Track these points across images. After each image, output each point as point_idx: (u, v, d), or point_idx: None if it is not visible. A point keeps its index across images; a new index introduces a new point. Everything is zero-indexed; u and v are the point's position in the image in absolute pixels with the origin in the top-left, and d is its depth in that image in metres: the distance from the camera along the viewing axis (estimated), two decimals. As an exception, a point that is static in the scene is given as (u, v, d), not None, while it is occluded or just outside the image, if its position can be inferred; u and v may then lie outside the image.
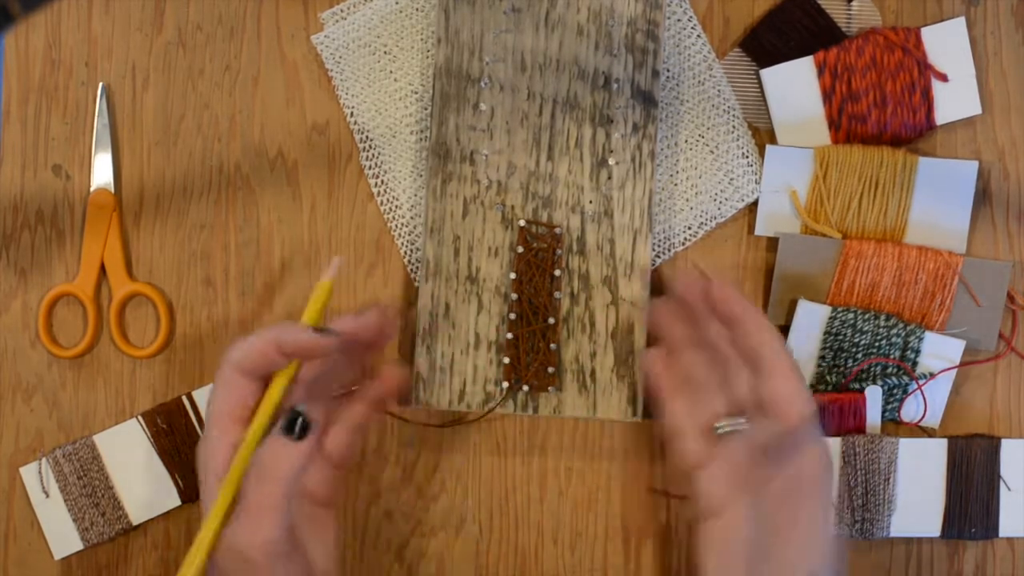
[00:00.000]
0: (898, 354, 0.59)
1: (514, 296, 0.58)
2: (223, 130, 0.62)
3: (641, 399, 0.58)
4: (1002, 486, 0.60)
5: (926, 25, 0.61)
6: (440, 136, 0.59)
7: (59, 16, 0.63)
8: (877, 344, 0.59)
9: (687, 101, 0.61)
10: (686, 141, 0.61)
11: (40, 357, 0.62)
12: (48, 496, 0.61)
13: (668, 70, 0.61)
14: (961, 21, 0.61)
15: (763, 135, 0.62)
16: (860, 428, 0.60)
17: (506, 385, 0.58)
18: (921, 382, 0.59)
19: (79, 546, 0.61)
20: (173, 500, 0.61)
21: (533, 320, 0.58)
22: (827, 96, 0.60)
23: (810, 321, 0.60)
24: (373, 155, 0.62)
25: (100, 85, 0.62)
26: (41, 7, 0.42)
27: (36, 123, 0.62)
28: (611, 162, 0.59)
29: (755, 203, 0.61)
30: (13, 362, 0.62)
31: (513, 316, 0.58)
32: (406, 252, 0.62)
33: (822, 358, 0.60)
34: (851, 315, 0.59)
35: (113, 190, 0.62)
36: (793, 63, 0.60)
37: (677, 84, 0.61)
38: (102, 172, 0.62)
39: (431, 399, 0.58)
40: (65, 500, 0.61)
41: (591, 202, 0.59)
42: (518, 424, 0.62)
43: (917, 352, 0.59)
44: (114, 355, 0.62)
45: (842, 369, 0.60)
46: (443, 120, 0.59)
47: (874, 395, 0.59)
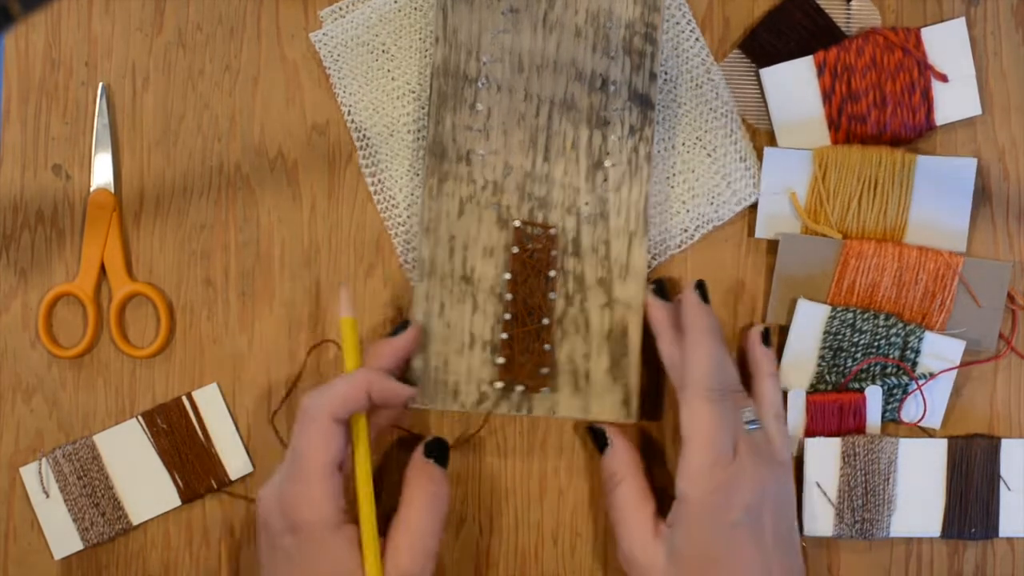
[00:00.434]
0: (897, 354, 0.59)
1: (509, 296, 0.58)
2: (223, 130, 0.62)
3: (636, 400, 0.58)
4: (1002, 486, 0.60)
5: (926, 25, 0.61)
6: (437, 135, 0.59)
7: (59, 16, 0.63)
8: (876, 344, 0.59)
9: (685, 104, 0.61)
10: (683, 144, 0.61)
11: (40, 357, 0.62)
12: (48, 496, 0.61)
13: (666, 73, 0.61)
14: (961, 21, 0.61)
15: (763, 135, 0.62)
16: (860, 428, 0.60)
17: (500, 385, 0.58)
18: (921, 382, 0.59)
19: (79, 546, 0.61)
20: (173, 500, 0.61)
21: (528, 320, 0.58)
22: (827, 96, 0.60)
23: (810, 321, 0.60)
24: (370, 153, 0.62)
25: (100, 85, 0.62)
26: (41, 7, 0.42)
27: (36, 123, 0.62)
28: (607, 164, 0.59)
29: (755, 206, 0.61)
30: (13, 362, 0.62)
31: (508, 316, 0.58)
32: (402, 252, 0.61)
33: (822, 358, 0.60)
34: (850, 315, 0.59)
35: (113, 190, 0.62)
36: (793, 63, 0.61)
37: (675, 87, 0.61)
38: (102, 172, 0.62)
39: (425, 399, 0.58)
40: (65, 500, 0.61)
41: (587, 204, 0.59)
42: (518, 424, 0.62)
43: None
44: (114, 355, 0.62)
45: (842, 369, 0.60)
46: (440, 119, 0.59)
47: (874, 395, 0.59)
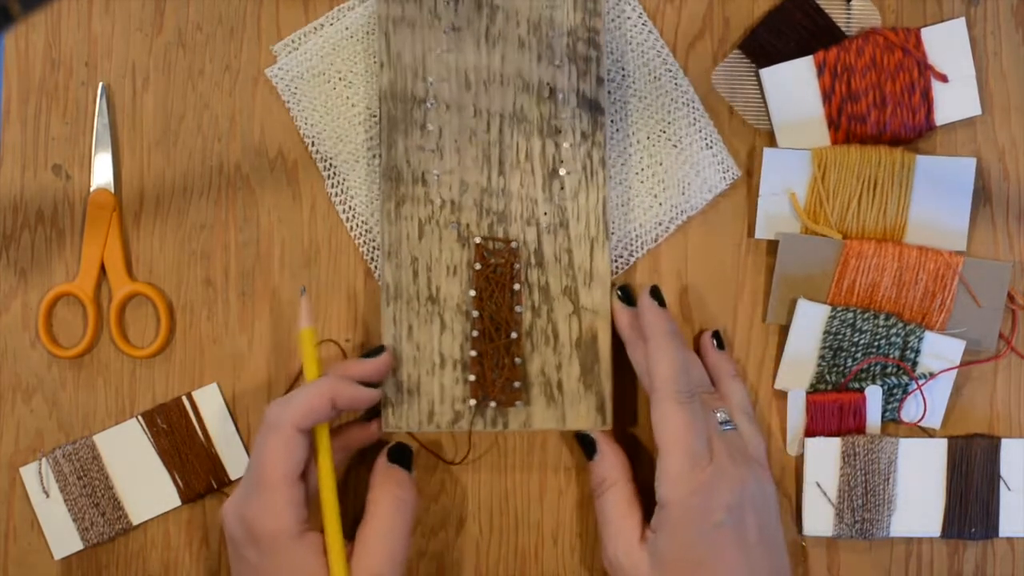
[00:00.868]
0: (897, 354, 0.59)
1: (475, 313, 0.58)
2: (223, 130, 0.62)
3: (609, 406, 0.58)
4: (1002, 486, 0.60)
5: (926, 25, 0.61)
6: (391, 159, 0.59)
7: (59, 16, 0.63)
8: (876, 344, 0.59)
9: (645, 97, 0.61)
10: (648, 138, 0.61)
11: (40, 357, 0.62)
12: (48, 496, 0.61)
13: (623, 68, 0.61)
14: (961, 21, 0.61)
15: (763, 135, 0.62)
16: (860, 428, 0.60)
17: (474, 403, 0.58)
18: (921, 382, 0.59)
19: (79, 546, 0.61)
20: (173, 500, 0.61)
21: (496, 336, 0.58)
22: (827, 96, 0.60)
23: (810, 321, 0.60)
24: (338, 182, 0.62)
25: (100, 85, 0.62)
26: (41, 7, 0.42)
27: (36, 123, 0.62)
28: (562, 172, 0.59)
29: (755, 206, 0.61)
30: (13, 362, 0.62)
31: (476, 333, 0.58)
32: (379, 276, 0.61)
33: (822, 358, 0.60)
34: (850, 315, 0.59)
35: (113, 190, 0.62)
36: (793, 63, 0.61)
37: (633, 81, 0.61)
38: (102, 172, 0.62)
39: (400, 422, 0.58)
40: (65, 500, 0.61)
41: (545, 214, 0.59)
42: (518, 424, 0.62)
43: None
44: (114, 355, 0.62)
45: (842, 369, 0.60)
46: (392, 143, 0.59)
47: (874, 395, 0.59)
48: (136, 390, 0.62)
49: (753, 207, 0.61)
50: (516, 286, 0.59)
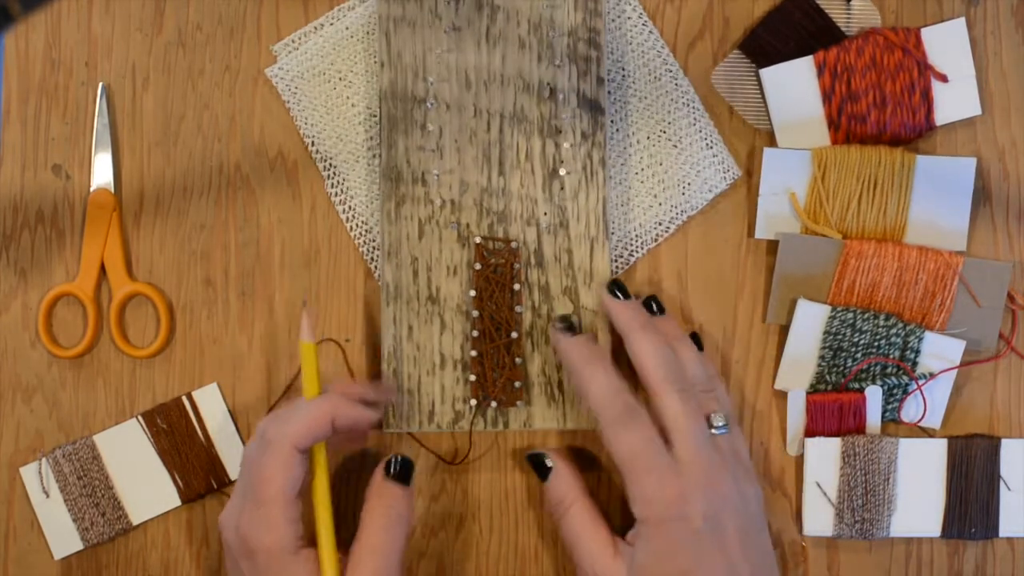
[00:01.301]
0: (897, 354, 0.59)
1: (476, 313, 0.58)
2: (223, 130, 0.62)
3: None
4: (1002, 486, 0.60)
5: (926, 25, 0.61)
6: (391, 159, 0.59)
7: (59, 16, 0.63)
8: (876, 344, 0.59)
9: (646, 97, 0.62)
10: (648, 138, 0.61)
11: (40, 357, 0.62)
12: (48, 496, 0.61)
13: (623, 69, 0.61)
14: (961, 21, 0.61)
15: (763, 135, 0.62)
16: (860, 428, 0.60)
17: (474, 403, 0.58)
18: (921, 382, 0.59)
19: (79, 546, 0.61)
20: (173, 500, 0.61)
21: (496, 336, 0.58)
22: (827, 96, 0.60)
23: (810, 321, 0.60)
24: (338, 182, 0.61)
25: (100, 85, 0.62)
26: (41, 7, 0.42)
27: (36, 123, 0.62)
28: (562, 172, 0.59)
29: (755, 206, 0.61)
30: (13, 362, 0.62)
31: (476, 333, 0.58)
32: (379, 275, 0.61)
33: (822, 358, 0.60)
34: (850, 315, 0.59)
35: (113, 190, 0.62)
36: (793, 63, 0.61)
37: (633, 81, 0.61)
38: (102, 172, 0.62)
39: (401, 423, 0.58)
40: (65, 500, 0.61)
41: (545, 214, 0.59)
42: (518, 424, 0.62)
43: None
44: (114, 355, 0.62)
45: (842, 369, 0.60)
46: (392, 143, 0.59)
47: (874, 395, 0.59)
48: (136, 390, 0.62)
49: (753, 207, 0.61)
50: (516, 286, 0.59)
